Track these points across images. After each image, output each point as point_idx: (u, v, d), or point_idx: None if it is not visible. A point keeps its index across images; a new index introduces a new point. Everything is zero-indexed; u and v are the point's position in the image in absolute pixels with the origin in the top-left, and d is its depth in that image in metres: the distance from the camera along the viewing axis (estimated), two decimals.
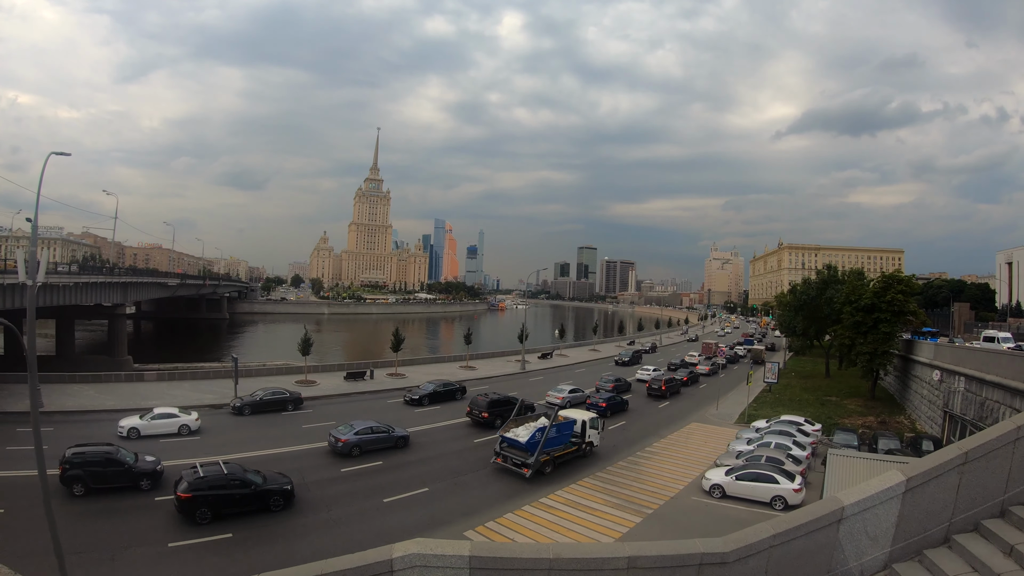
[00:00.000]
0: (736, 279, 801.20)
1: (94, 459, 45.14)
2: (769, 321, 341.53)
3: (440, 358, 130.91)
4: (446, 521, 42.60)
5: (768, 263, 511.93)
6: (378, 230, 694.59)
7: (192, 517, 39.89)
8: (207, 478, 41.42)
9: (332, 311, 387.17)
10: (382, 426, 60.49)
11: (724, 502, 48.95)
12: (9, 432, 61.02)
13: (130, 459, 46.53)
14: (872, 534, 17.22)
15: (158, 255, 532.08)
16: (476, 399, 73.75)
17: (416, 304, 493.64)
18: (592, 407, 76.85)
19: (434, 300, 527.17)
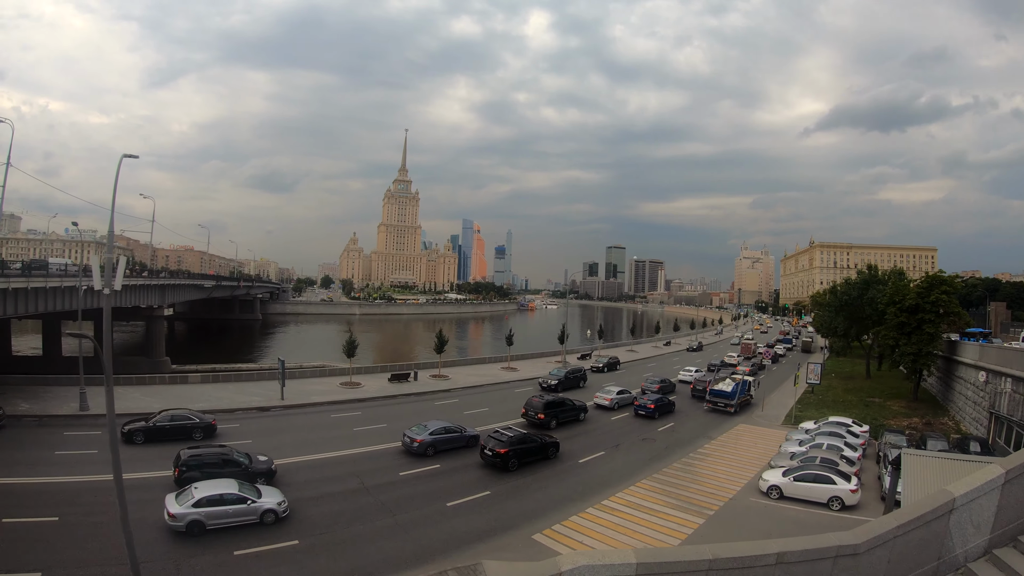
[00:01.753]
0: (766, 278, 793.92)
1: (211, 460, 45.99)
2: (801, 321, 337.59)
3: (481, 359, 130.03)
4: (512, 525, 42.29)
5: (799, 262, 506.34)
6: (407, 231, 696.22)
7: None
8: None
9: (363, 312, 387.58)
10: (455, 426, 61.11)
11: (782, 503, 49.05)
12: (56, 436, 60.86)
13: (244, 460, 47.28)
14: (976, 522, 19.44)
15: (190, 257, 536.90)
16: (532, 401, 73.14)
17: (446, 304, 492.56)
18: (641, 408, 78.03)
19: (464, 300, 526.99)
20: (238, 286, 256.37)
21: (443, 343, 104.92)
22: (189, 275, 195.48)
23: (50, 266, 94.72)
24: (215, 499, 39.03)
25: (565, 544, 39.32)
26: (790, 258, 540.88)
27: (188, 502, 38.46)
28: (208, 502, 38.71)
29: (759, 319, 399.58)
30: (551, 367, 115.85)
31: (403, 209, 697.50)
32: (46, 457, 53.09)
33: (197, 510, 38.31)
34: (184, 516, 38.05)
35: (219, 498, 39.18)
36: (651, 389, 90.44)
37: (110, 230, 27.77)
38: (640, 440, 67.32)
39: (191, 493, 39.22)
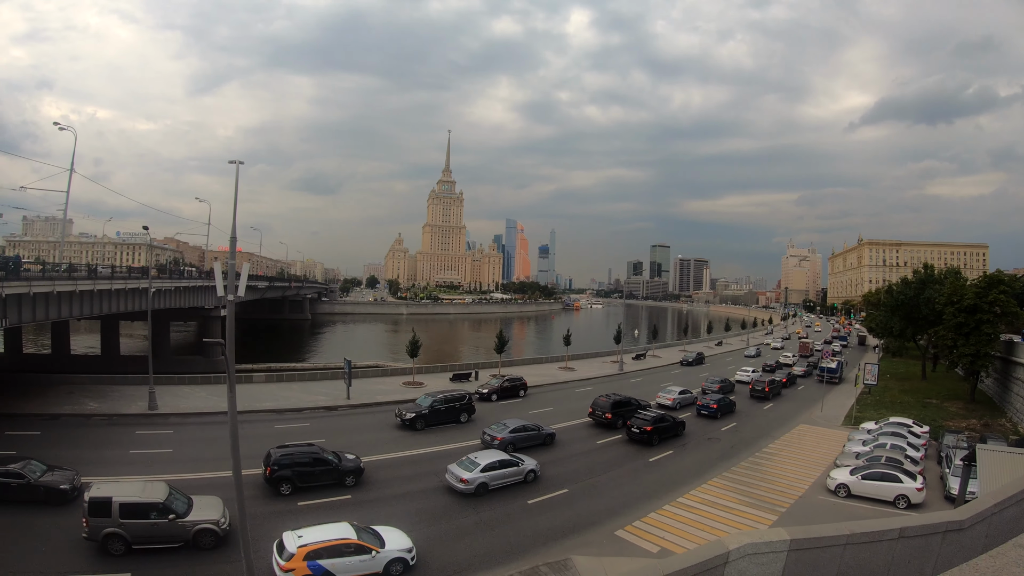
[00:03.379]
0: (814, 276, 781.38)
1: (302, 459, 46.69)
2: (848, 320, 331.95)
3: (538, 359, 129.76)
4: (593, 522, 42.75)
5: (847, 260, 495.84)
6: (452, 231, 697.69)
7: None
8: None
9: (410, 311, 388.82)
10: (532, 424, 62.27)
11: (849, 501, 49.57)
12: (129, 435, 61.63)
13: (334, 458, 48.04)
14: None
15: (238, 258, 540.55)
16: (599, 400, 73.08)
17: (492, 304, 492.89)
18: (703, 408, 78.17)
19: (510, 300, 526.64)
20: (289, 286, 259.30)
21: (503, 343, 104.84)
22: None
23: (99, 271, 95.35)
24: (495, 464, 48.30)
25: (648, 540, 39.79)
26: (837, 256, 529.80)
27: (476, 469, 47.19)
28: (489, 467, 47.84)
29: (808, 319, 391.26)
30: (607, 367, 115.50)
31: (447, 209, 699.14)
32: (121, 456, 53.82)
33: (484, 475, 47.17)
34: (474, 480, 46.63)
35: (499, 463, 48.76)
36: (712, 389, 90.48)
37: (232, 236, 27.56)
38: (706, 439, 67.39)
39: (475, 462, 48.24)
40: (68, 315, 79.14)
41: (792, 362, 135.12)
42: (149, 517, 35.55)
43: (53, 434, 60.20)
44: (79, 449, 54.17)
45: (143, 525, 35.37)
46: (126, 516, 35.10)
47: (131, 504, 35.46)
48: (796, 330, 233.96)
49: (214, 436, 59.94)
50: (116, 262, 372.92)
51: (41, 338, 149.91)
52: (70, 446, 55.53)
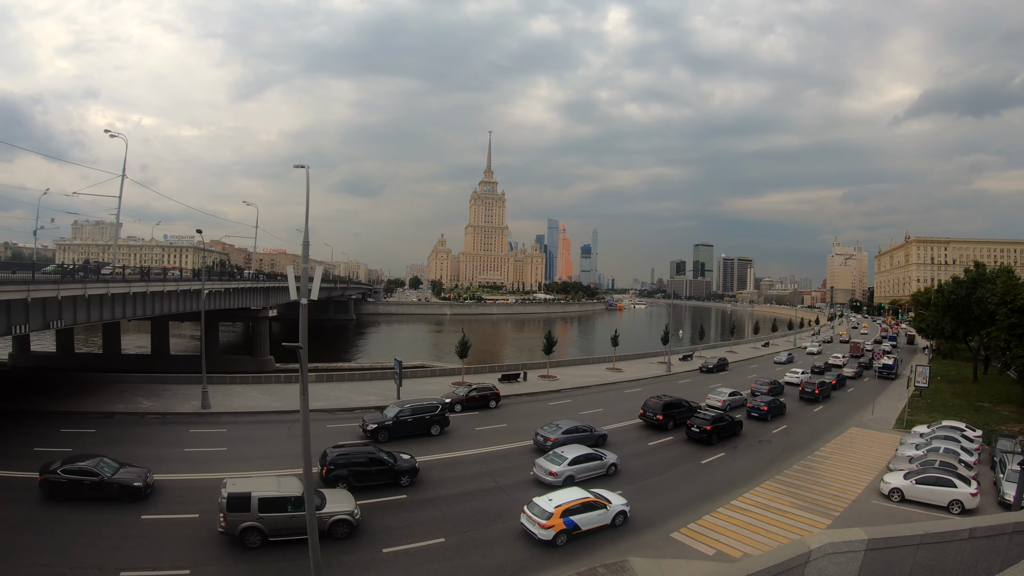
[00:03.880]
0: (860, 275, 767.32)
1: (358, 459, 47.25)
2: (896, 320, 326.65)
3: (586, 360, 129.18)
4: (649, 524, 42.71)
5: (894, 258, 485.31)
6: (494, 232, 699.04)
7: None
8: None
9: (454, 312, 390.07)
10: (584, 426, 61.96)
11: (903, 506, 49.05)
12: (183, 433, 62.45)
13: (389, 458, 48.44)
14: None
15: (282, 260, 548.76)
16: (649, 402, 72.84)
17: (535, 304, 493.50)
18: (754, 410, 77.50)
19: (553, 300, 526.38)
20: (335, 287, 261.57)
21: (551, 344, 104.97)
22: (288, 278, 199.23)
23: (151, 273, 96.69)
24: (581, 458, 50.78)
25: (704, 542, 39.65)
26: (884, 254, 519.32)
27: (564, 463, 49.67)
28: (576, 460, 50.32)
29: (855, 320, 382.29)
30: (654, 368, 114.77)
31: (490, 210, 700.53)
32: (175, 454, 54.52)
33: (571, 467, 49.55)
34: (562, 473, 48.91)
35: (584, 457, 51.20)
36: (761, 391, 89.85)
37: (304, 241, 27.65)
38: (757, 442, 66.77)
39: (563, 456, 50.67)
40: (121, 316, 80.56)
41: (842, 363, 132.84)
42: (286, 510, 37.33)
43: (108, 432, 61.24)
44: (134, 446, 54.85)
45: (281, 518, 37.19)
46: (264, 510, 37.01)
47: (269, 498, 37.36)
48: (840, 332, 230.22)
49: (267, 435, 60.95)
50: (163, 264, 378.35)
51: (92, 337, 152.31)
52: (126, 444, 56.19)
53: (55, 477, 42.49)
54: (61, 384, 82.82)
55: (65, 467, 43.14)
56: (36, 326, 65.18)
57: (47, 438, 57.54)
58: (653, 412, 70.46)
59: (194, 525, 39.14)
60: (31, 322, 63.31)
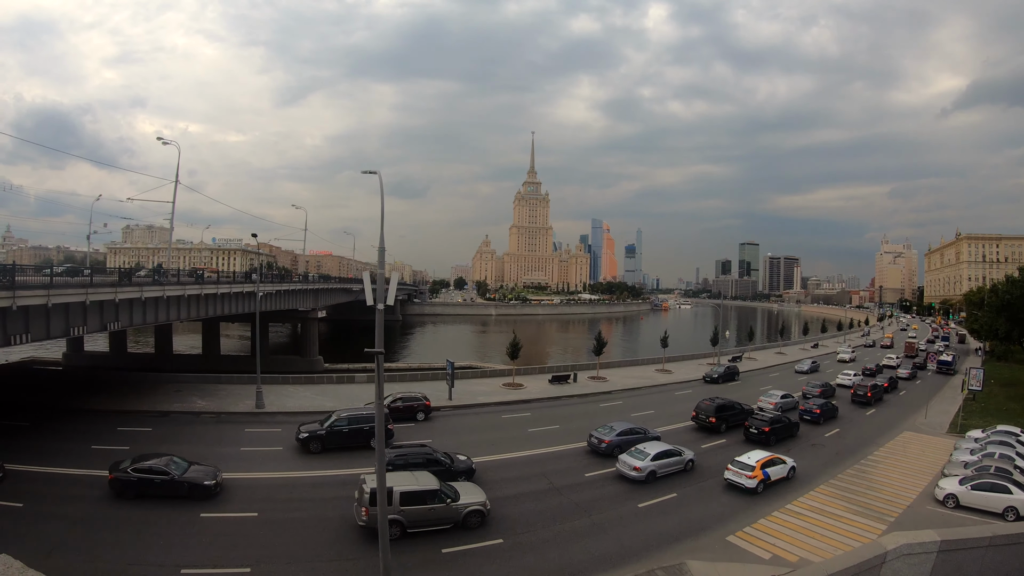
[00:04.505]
0: (909, 274, 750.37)
1: (416, 460, 47.28)
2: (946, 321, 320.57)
3: (635, 361, 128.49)
4: (704, 527, 42.43)
5: (944, 256, 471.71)
6: (538, 232, 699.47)
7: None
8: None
9: (499, 312, 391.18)
10: (638, 428, 61.56)
11: (958, 512, 47.89)
12: (238, 433, 63.42)
13: (446, 459, 48.78)
14: None
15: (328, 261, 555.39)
16: (702, 404, 72.33)
17: (580, 305, 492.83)
18: (806, 413, 76.39)
19: (598, 301, 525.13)
20: None
21: (602, 345, 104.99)
22: (339, 279, 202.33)
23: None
24: (662, 454, 52.46)
25: (760, 547, 39.32)
26: (934, 252, 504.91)
27: (647, 458, 51.34)
28: (657, 456, 51.88)
29: (905, 321, 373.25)
30: (703, 370, 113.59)
31: (533, 211, 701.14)
32: (232, 453, 55.19)
33: (654, 463, 51.24)
34: (646, 468, 50.60)
35: (665, 453, 52.87)
36: (813, 393, 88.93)
37: (380, 246, 27.80)
38: (810, 446, 65.95)
39: (645, 452, 52.28)
40: (176, 318, 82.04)
41: (896, 363, 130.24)
42: (426, 503, 39.32)
43: (164, 430, 62.34)
44: (191, 445, 55.36)
45: (421, 510, 39.09)
46: (406, 503, 38.46)
47: (410, 492, 39.10)
48: (886, 335, 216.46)
49: None
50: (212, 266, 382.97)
51: (143, 337, 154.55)
52: (182, 442, 56.97)
53: (125, 475, 43.29)
54: (116, 383, 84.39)
55: (135, 466, 43.97)
56: (94, 328, 66.41)
57: (105, 436, 58.72)
58: (706, 414, 69.98)
59: (254, 524, 39.71)
60: (89, 324, 64.55)
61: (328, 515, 41.17)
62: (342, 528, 39.53)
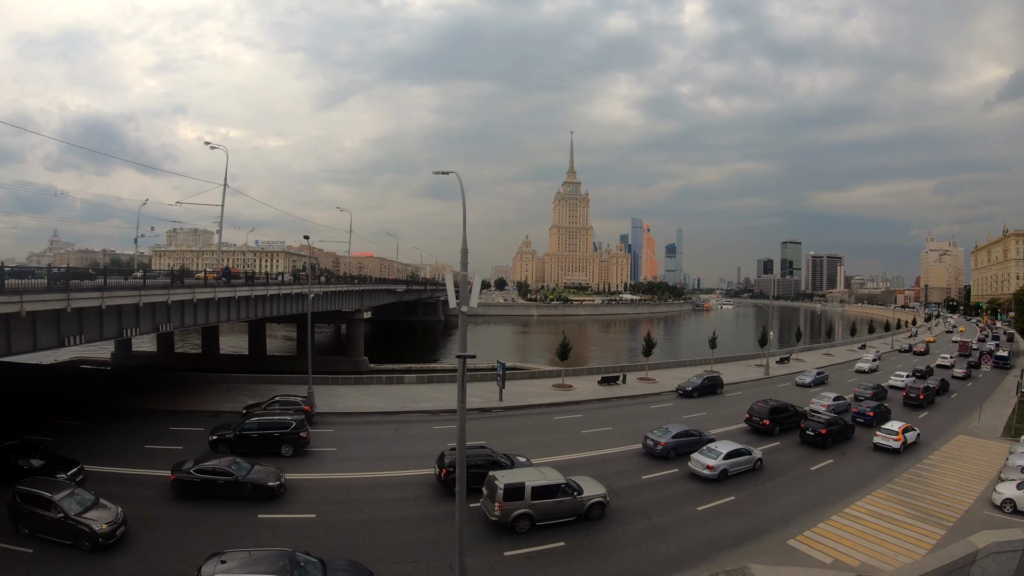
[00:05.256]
0: (955, 272, 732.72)
1: (478, 461, 47.10)
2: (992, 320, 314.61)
3: (682, 362, 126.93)
4: (764, 530, 42.07)
5: (992, 253, 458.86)
6: (578, 232, 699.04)
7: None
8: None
9: (540, 313, 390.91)
10: (693, 430, 61.03)
11: (1015, 517, 47.21)
12: None
13: (506, 461, 48.91)
14: None
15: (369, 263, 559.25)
16: (755, 406, 71.64)
17: (622, 305, 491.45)
18: (859, 416, 75.46)
19: (639, 301, 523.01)
20: (424, 289, 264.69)
21: (651, 346, 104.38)
22: (383, 281, 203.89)
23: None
24: (732, 453, 53.29)
25: (821, 551, 38.99)
26: (981, 249, 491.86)
27: (719, 457, 52.17)
28: (729, 455, 52.77)
29: (952, 321, 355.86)
30: (751, 371, 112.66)
31: (574, 211, 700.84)
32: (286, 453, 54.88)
33: (725, 461, 52.01)
34: (718, 467, 51.46)
35: (736, 452, 53.60)
36: (865, 395, 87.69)
37: (463, 249, 27.49)
38: (864, 449, 64.93)
39: (717, 450, 52.98)
40: (226, 319, 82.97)
41: (950, 363, 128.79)
42: (554, 496, 41.13)
43: None
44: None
45: (549, 504, 40.88)
46: (536, 497, 40.49)
47: (540, 487, 40.98)
48: (928, 338, 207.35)
49: (375, 436, 61.96)
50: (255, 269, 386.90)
51: (189, 338, 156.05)
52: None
53: (188, 476, 43.76)
54: (166, 383, 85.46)
55: (198, 466, 44.44)
56: (146, 329, 67.26)
57: (157, 436, 59.40)
58: (759, 417, 69.33)
59: (313, 525, 39.85)
60: (141, 325, 65.44)
61: (387, 517, 41.37)
62: (403, 530, 39.57)
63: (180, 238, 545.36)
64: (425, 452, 54.38)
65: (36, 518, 35.83)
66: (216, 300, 77.33)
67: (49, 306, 50.67)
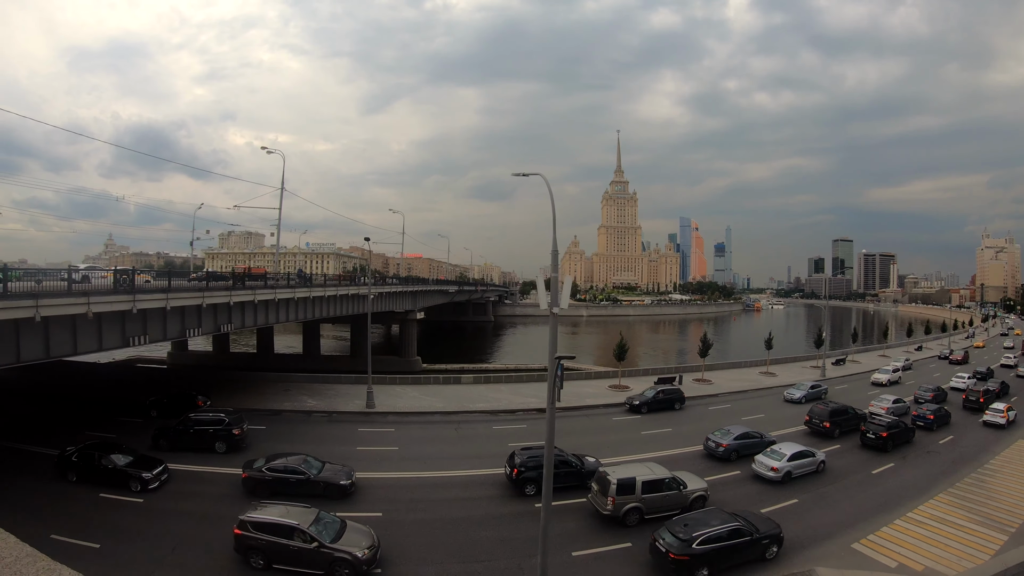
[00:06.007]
0: (1012, 270, 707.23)
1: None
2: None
3: (738, 363, 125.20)
4: (827, 534, 41.83)
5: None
6: (627, 232, 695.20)
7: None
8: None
9: (590, 313, 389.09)
10: (755, 432, 60.81)
11: None
12: (351, 432, 64.71)
13: (576, 460, 49.36)
14: None
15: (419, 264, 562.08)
16: (816, 408, 70.99)
17: (671, 305, 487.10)
18: (919, 419, 73.77)
19: (689, 301, 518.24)
20: (475, 290, 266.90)
21: (707, 347, 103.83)
22: (435, 282, 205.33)
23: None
24: (797, 455, 53.01)
25: (885, 555, 38.76)
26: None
27: (783, 459, 52.27)
28: (793, 457, 52.64)
29: (1011, 321, 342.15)
30: (807, 373, 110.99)
31: (622, 210, 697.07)
32: (348, 452, 55.79)
33: (790, 463, 52.07)
34: (783, 469, 51.49)
35: (800, 454, 53.40)
36: (925, 398, 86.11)
37: (553, 250, 27.71)
38: (925, 452, 63.94)
39: (781, 452, 53.11)
40: (285, 319, 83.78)
41: (1014, 363, 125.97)
42: (662, 491, 42.88)
43: (278, 429, 64.01)
44: (307, 444, 56.38)
45: (657, 498, 42.56)
46: (646, 491, 42.18)
47: (651, 481, 42.77)
48: (975, 343, 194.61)
49: (435, 435, 62.40)
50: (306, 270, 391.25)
51: (243, 338, 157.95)
52: (297, 441, 58.36)
53: (259, 474, 44.69)
54: (224, 382, 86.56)
55: (269, 464, 45.32)
56: (208, 329, 68.36)
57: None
58: (820, 419, 68.54)
59: (380, 524, 39.77)
60: (203, 326, 66.52)
61: (454, 516, 41.57)
62: (472, 529, 39.87)
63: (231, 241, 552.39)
64: (487, 452, 54.93)
65: (277, 549, 34.07)
66: (276, 301, 78.32)
67: (115, 307, 51.59)
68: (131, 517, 40.48)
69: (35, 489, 44.43)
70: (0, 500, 41.68)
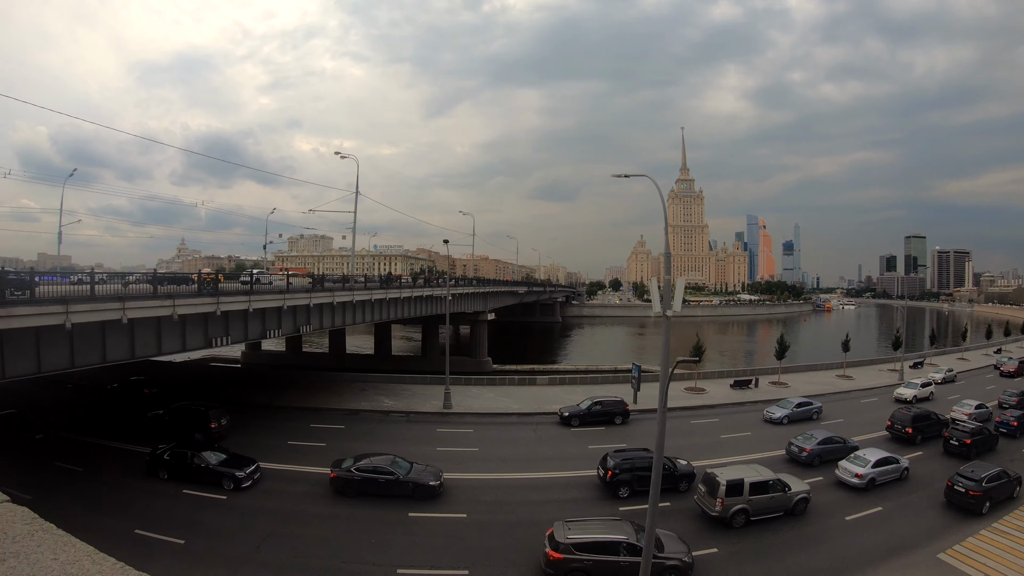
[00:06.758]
0: None
1: (641, 464, 47.69)
2: None
3: (814, 366, 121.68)
4: (913, 544, 40.89)
5: None
6: (693, 230, 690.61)
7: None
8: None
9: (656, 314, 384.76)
10: (837, 437, 60.21)
11: None
12: (429, 432, 65.29)
13: (670, 463, 49.34)
14: None
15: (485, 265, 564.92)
16: (898, 413, 69.68)
17: (740, 306, 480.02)
18: (1002, 425, 71.41)
19: (758, 301, 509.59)
20: (544, 291, 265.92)
21: (784, 348, 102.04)
22: (505, 283, 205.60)
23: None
24: (881, 461, 52.06)
25: (972, 566, 37.79)
26: None
27: (868, 465, 51.33)
28: (877, 463, 51.68)
29: None
30: (884, 376, 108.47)
31: (688, 209, 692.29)
32: (428, 453, 56.00)
33: (874, 470, 51.13)
34: (867, 475, 50.61)
35: (884, 460, 52.48)
36: (1010, 403, 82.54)
37: (666, 251, 27.70)
38: (1008, 460, 60.90)
39: (865, 458, 52.17)
40: (361, 320, 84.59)
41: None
42: (768, 492, 43.18)
43: (357, 429, 64.99)
44: (386, 444, 57.14)
45: (764, 499, 42.92)
46: (754, 493, 42.54)
47: (758, 483, 43.04)
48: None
49: (514, 437, 62.64)
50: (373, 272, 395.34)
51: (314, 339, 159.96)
52: (376, 441, 59.34)
53: (348, 474, 45.40)
54: (301, 381, 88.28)
55: (358, 464, 46.05)
56: (287, 330, 69.59)
57: (299, 433, 61.98)
58: (902, 424, 67.26)
59: (464, 525, 40.54)
60: (283, 327, 67.78)
61: (539, 519, 40.76)
62: None
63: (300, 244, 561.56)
64: (566, 454, 55.38)
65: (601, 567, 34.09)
66: (353, 303, 79.24)
67: (199, 310, 53.18)
68: (217, 515, 41.54)
69: (125, 486, 45.88)
70: (91, 497, 42.99)
